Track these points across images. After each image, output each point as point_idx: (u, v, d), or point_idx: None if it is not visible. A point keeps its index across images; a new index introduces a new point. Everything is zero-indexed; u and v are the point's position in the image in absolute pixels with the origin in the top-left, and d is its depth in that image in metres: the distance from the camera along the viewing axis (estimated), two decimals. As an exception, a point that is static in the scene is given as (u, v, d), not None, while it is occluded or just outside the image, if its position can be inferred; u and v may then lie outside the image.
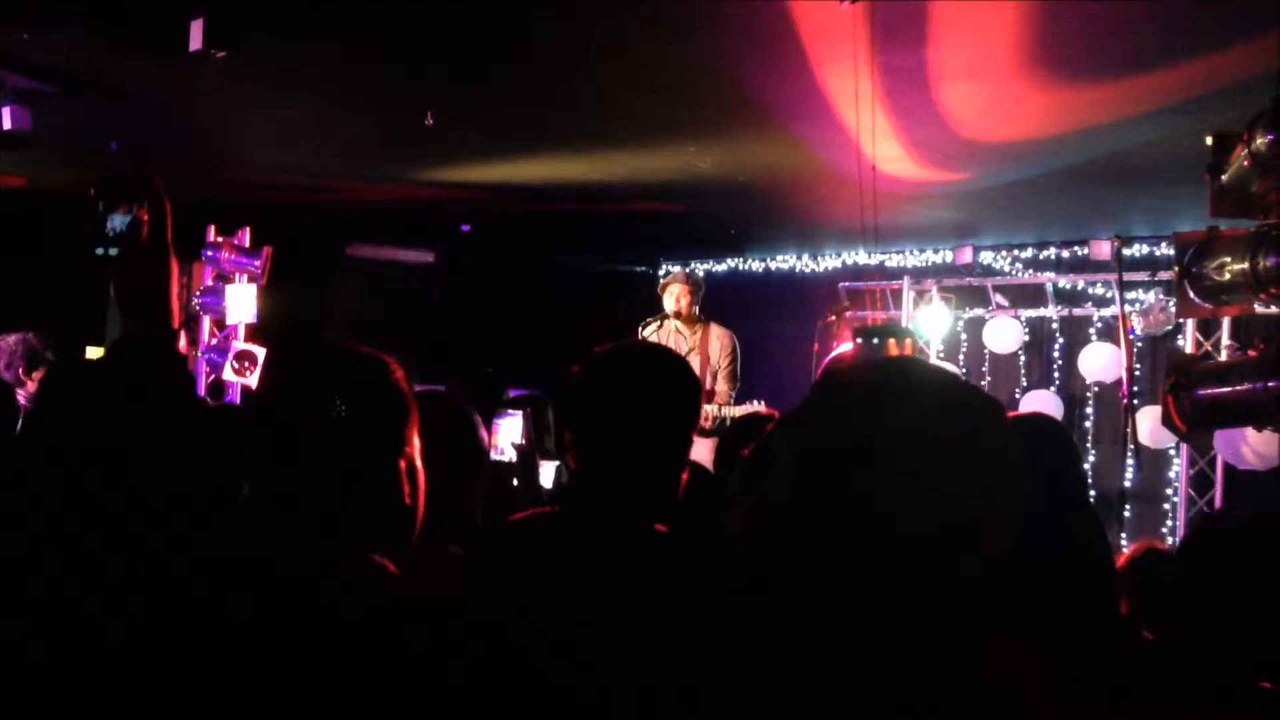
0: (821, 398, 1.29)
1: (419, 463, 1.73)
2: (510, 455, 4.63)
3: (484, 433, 2.80)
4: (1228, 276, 4.08)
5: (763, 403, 6.37)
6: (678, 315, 6.76)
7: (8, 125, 5.72)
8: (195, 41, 4.55)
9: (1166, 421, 4.46)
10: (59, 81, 5.58)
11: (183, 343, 2.05)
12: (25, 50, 5.16)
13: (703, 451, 6.14)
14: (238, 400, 8.15)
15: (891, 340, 4.57)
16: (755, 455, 2.64)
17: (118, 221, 2.01)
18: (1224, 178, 4.08)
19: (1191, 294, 4.30)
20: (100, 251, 2.02)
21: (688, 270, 7.09)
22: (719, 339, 6.64)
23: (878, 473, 1.19)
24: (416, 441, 1.73)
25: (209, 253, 8.60)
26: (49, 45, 5.08)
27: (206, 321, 8.89)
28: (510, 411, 4.77)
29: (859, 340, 4.75)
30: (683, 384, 2.02)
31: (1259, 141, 3.76)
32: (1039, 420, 2.56)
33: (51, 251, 7.26)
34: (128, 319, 2.00)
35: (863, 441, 1.21)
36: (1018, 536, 1.22)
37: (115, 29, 4.82)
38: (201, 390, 8.08)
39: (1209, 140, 4.21)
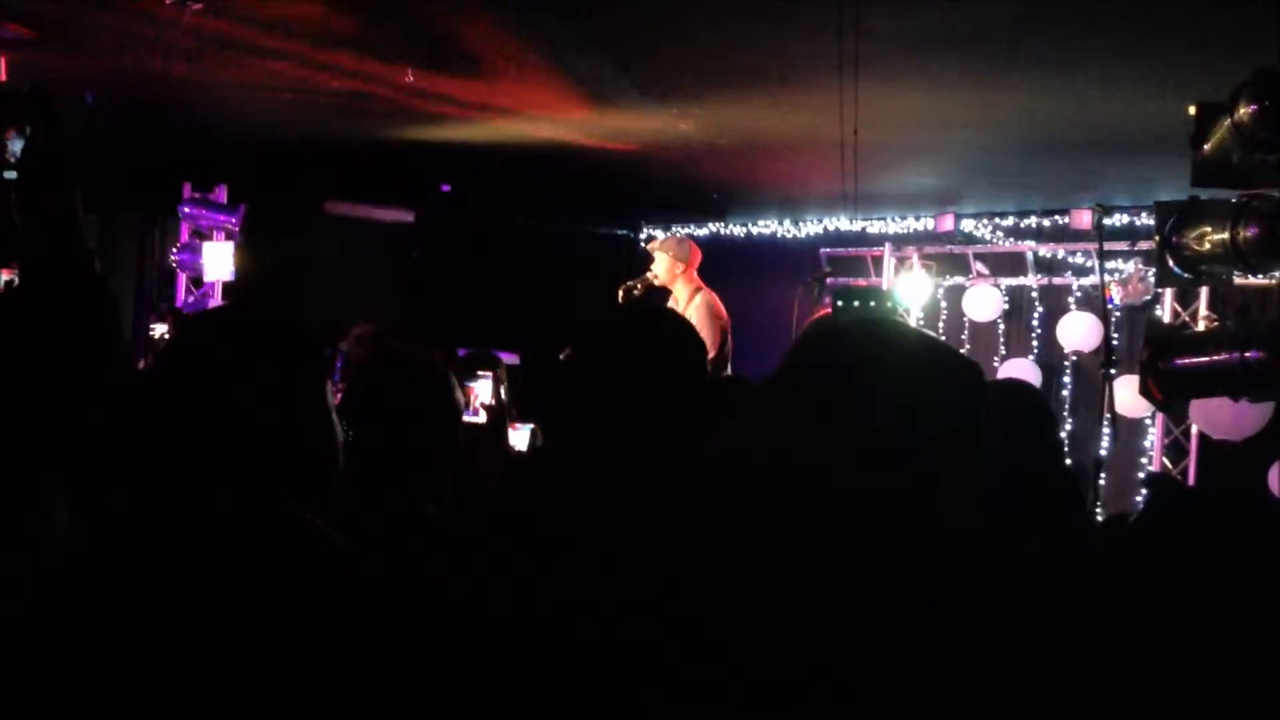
0: (796, 358, 1.29)
1: (334, 416, 1.73)
2: (482, 417, 4.62)
3: (460, 395, 2.79)
4: (1208, 246, 4.09)
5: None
6: (658, 279, 6.72)
7: (-19, 77, 5.64)
8: (171, -8, 4.49)
9: (1144, 391, 4.48)
10: (33, 29, 5.49)
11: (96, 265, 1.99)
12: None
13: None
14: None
15: (870, 303, 4.57)
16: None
17: (14, 145, 1.96)
18: (1206, 148, 4.08)
19: (1171, 263, 4.30)
20: None
21: (674, 236, 7.04)
22: (698, 309, 6.59)
23: (854, 429, 1.19)
24: (331, 395, 1.73)
25: (186, 209, 8.54)
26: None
27: (183, 278, 8.84)
28: (482, 373, 4.76)
29: (838, 303, 4.75)
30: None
31: (1242, 112, 3.75)
32: (1014, 385, 2.56)
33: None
34: (34, 240, 1.95)
35: (838, 399, 1.21)
36: (992, 493, 1.22)
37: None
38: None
39: (1191, 110, 4.20)
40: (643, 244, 10.46)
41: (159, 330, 7.09)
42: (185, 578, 1.47)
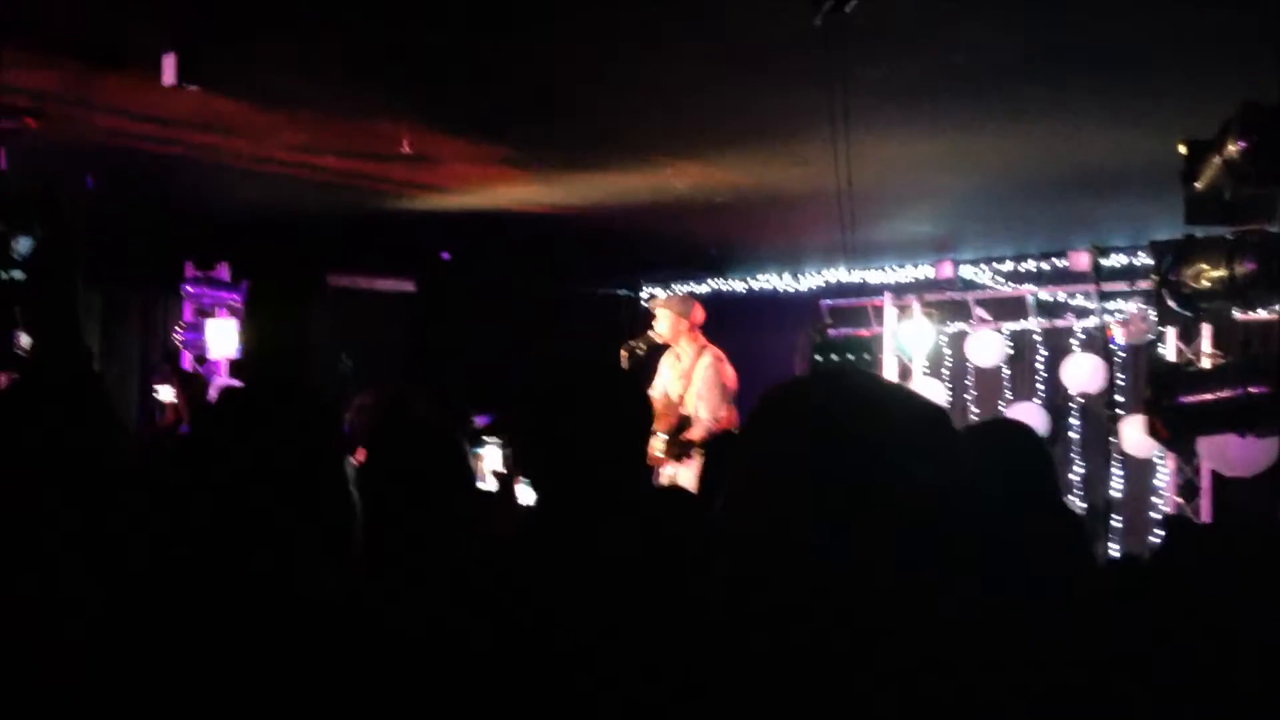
0: (759, 411, 1.31)
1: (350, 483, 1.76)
2: (493, 484, 4.61)
3: (474, 462, 2.80)
4: (1206, 283, 4.09)
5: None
6: (661, 338, 6.72)
7: (-18, 165, 5.70)
8: (168, 76, 4.54)
9: (1151, 430, 4.46)
10: (34, 116, 5.55)
11: (95, 366, 2.03)
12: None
13: (687, 476, 6.13)
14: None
15: (848, 354, 4.57)
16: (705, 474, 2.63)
17: (23, 244, 2.00)
18: (1198, 185, 4.10)
19: (1170, 302, 4.31)
20: (3, 275, 2.00)
21: (675, 295, 7.07)
22: (705, 366, 6.59)
23: (814, 477, 1.20)
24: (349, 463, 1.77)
25: (188, 288, 8.58)
26: (22, 83, 5.06)
27: (188, 356, 8.86)
28: (489, 440, 4.76)
29: (815, 356, 4.74)
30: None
31: (1231, 148, 3.78)
32: (1006, 424, 2.56)
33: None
34: (39, 342, 1.99)
35: (799, 448, 1.22)
36: (970, 536, 1.23)
37: (90, 65, 4.80)
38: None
39: (1181, 149, 4.23)
40: (644, 303, 10.49)
41: (163, 392, 7.11)
42: (199, 643, 1.50)
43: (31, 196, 2.12)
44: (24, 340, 2.12)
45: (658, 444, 6.24)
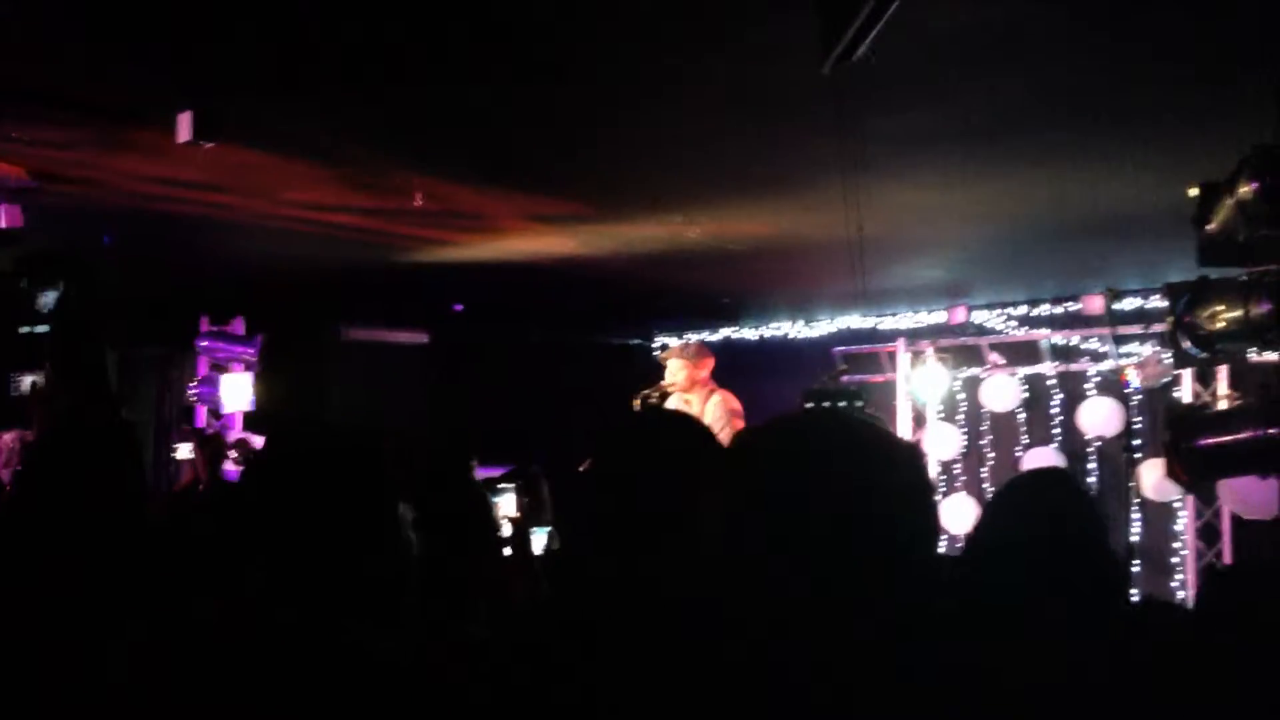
0: (729, 452, 1.33)
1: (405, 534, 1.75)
2: (507, 530, 4.60)
3: (498, 514, 2.80)
4: (1221, 325, 4.08)
5: None
6: (674, 386, 6.73)
7: (1, 224, 5.75)
8: (184, 134, 4.59)
9: (1170, 473, 4.43)
10: (50, 178, 5.62)
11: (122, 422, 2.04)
12: (16, 148, 5.20)
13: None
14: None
15: (840, 402, 4.55)
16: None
17: (48, 298, 2.03)
18: (1211, 227, 4.10)
19: (1186, 344, 4.29)
20: (25, 330, 2.03)
21: (686, 343, 7.08)
22: (715, 404, 6.59)
23: (773, 517, 1.22)
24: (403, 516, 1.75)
25: (203, 343, 8.62)
26: (40, 142, 5.12)
27: (202, 410, 8.89)
28: (503, 486, 4.74)
29: (807, 404, 4.73)
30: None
31: (1243, 190, 3.78)
32: (1046, 474, 2.55)
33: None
34: (67, 394, 2.02)
35: (766, 486, 1.25)
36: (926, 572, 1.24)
37: (105, 124, 4.86)
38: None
39: (1193, 191, 4.23)
40: (655, 351, 10.50)
41: (182, 451, 7.12)
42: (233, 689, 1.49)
43: (56, 253, 2.14)
44: (25, 383, 2.14)
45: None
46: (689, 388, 6.71)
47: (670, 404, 6.77)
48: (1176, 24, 3.74)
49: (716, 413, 6.50)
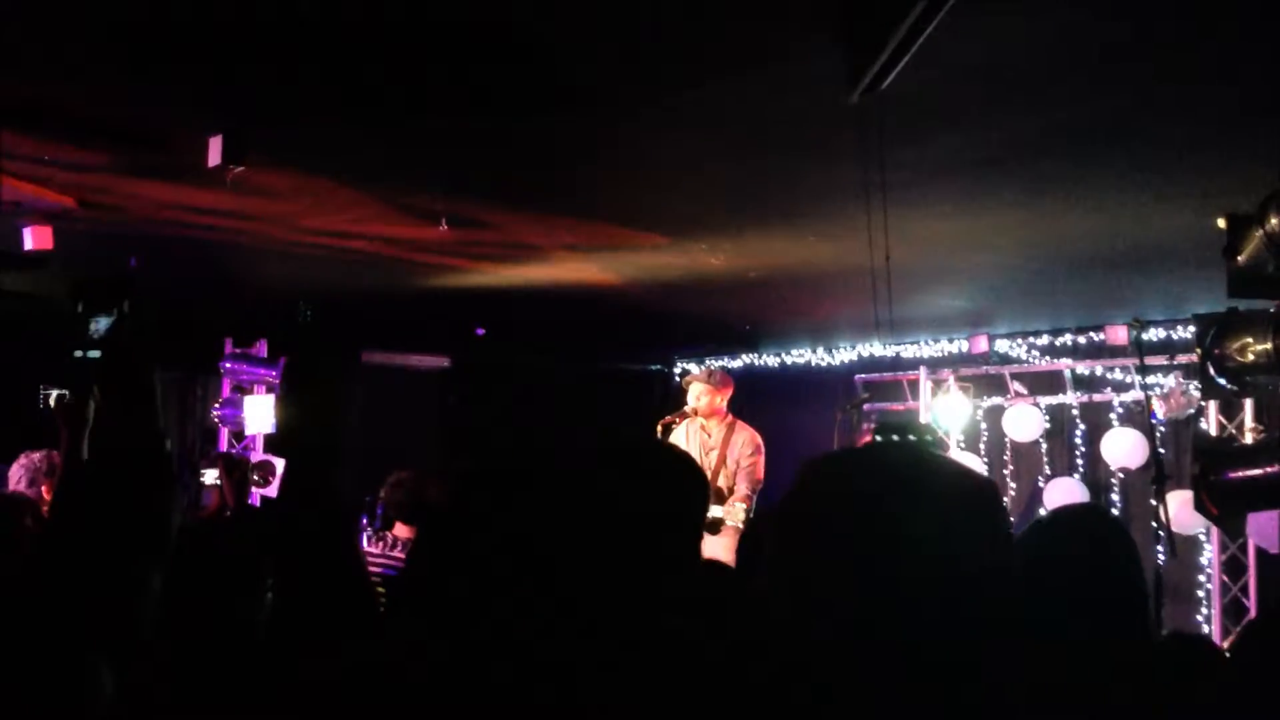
0: (797, 486, 1.30)
1: None
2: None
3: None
4: (1250, 357, 4.05)
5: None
6: (697, 414, 6.74)
7: (30, 246, 5.81)
8: (214, 157, 4.63)
9: (1198, 506, 4.39)
10: (79, 200, 5.67)
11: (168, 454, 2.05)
12: (47, 170, 5.24)
13: (719, 549, 6.08)
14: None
15: (909, 435, 4.54)
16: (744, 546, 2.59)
17: (101, 324, 2.02)
18: (1240, 259, 4.07)
19: (1214, 376, 4.26)
20: (79, 354, 2.02)
21: (709, 369, 7.09)
22: (741, 439, 6.60)
23: (848, 555, 1.19)
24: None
25: (227, 364, 8.66)
26: (69, 165, 5.17)
27: (225, 432, 8.92)
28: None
29: (877, 436, 4.73)
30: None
31: (1273, 222, 3.76)
32: (1085, 511, 2.54)
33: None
34: (114, 422, 2.00)
35: (831, 523, 1.22)
36: (1007, 617, 1.20)
37: (134, 148, 4.90)
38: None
39: (1221, 223, 4.21)
40: (677, 378, 10.50)
41: (209, 476, 7.14)
42: None
43: (113, 278, 2.14)
44: (52, 396, 2.15)
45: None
46: (710, 413, 6.71)
47: (688, 429, 6.78)
48: (1204, 57, 3.73)
49: (748, 448, 6.52)
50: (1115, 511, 8.66)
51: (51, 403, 3.23)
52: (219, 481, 4.18)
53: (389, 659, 1.62)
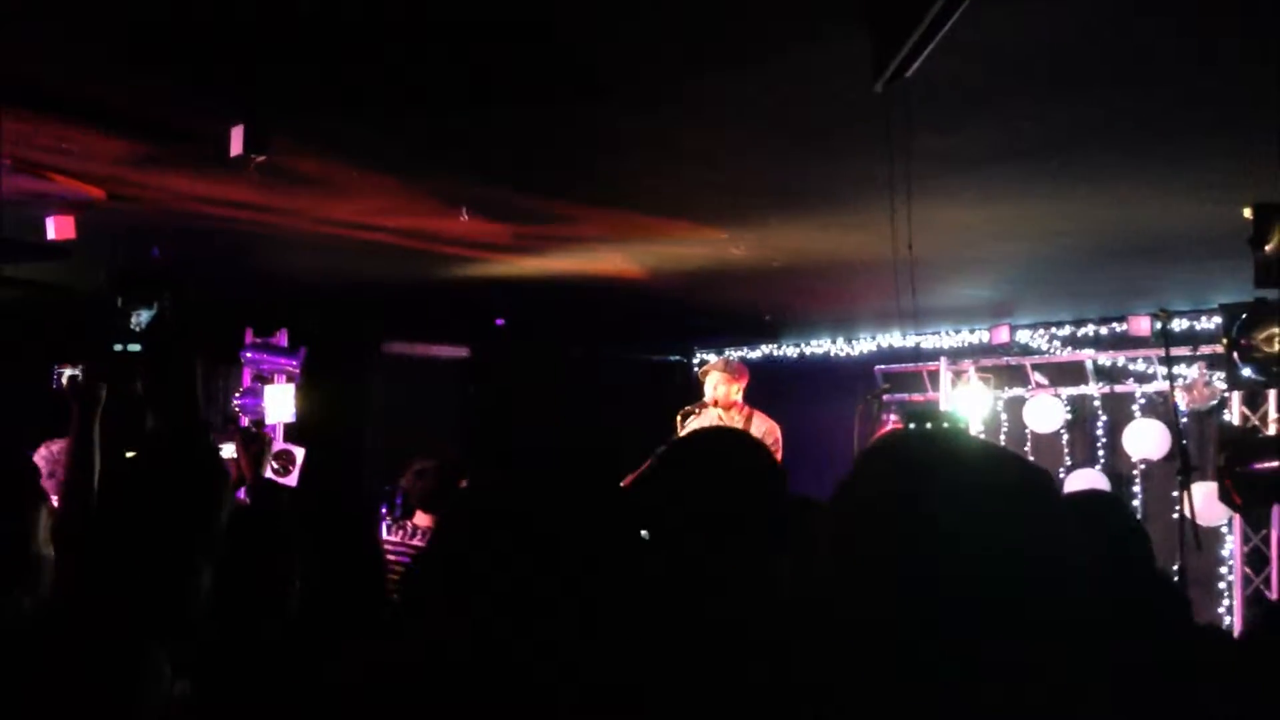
0: (863, 468, 1.27)
1: None
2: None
3: None
4: (1278, 348, 4.02)
5: None
6: (715, 403, 6.74)
7: (52, 235, 5.83)
8: (236, 147, 4.63)
9: (1223, 496, 4.37)
10: (101, 191, 5.68)
11: (229, 448, 2.08)
12: (69, 161, 5.26)
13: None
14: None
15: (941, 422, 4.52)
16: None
17: (143, 317, 2.04)
18: (1267, 248, 4.05)
19: (1241, 365, 4.24)
20: (119, 347, 2.05)
21: (726, 358, 7.08)
22: (760, 429, 6.58)
23: (920, 541, 1.16)
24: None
25: (248, 354, 8.68)
26: (92, 155, 5.19)
27: (245, 422, 8.94)
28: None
29: (902, 422, 4.71)
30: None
31: (1301, 211, 3.73)
32: (1096, 497, 2.51)
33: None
34: (156, 415, 2.04)
35: (904, 509, 1.18)
36: (1080, 603, 1.18)
37: (158, 138, 4.92)
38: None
39: (1247, 213, 4.19)
40: (696, 368, 10.49)
41: (226, 450, 7.16)
42: None
43: (154, 271, 2.17)
44: (64, 376, 2.15)
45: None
46: (728, 403, 6.71)
47: (707, 419, 6.77)
48: (1233, 45, 3.69)
49: (767, 438, 6.50)
50: (1137, 504, 8.63)
51: (64, 381, 3.23)
52: (235, 455, 4.17)
53: (409, 660, 1.61)
